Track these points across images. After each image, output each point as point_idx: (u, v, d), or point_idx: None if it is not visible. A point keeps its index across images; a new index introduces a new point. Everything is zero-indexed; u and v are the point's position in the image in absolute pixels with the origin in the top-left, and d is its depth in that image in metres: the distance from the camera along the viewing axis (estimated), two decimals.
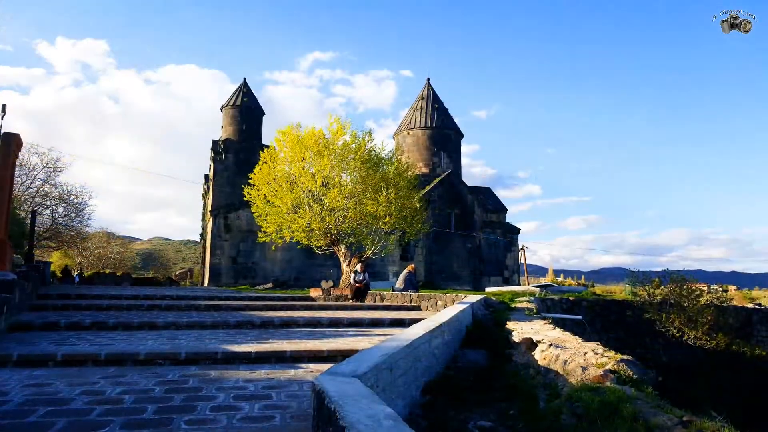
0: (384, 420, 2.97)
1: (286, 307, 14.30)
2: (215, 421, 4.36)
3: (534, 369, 6.92)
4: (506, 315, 10.84)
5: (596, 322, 19.12)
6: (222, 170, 37.31)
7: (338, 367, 4.44)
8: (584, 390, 4.87)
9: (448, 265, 38.83)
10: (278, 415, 4.60)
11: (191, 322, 10.10)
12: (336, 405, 3.19)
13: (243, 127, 39.16)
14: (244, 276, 34.00)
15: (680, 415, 4.18)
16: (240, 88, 40.90)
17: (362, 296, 17.23)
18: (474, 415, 5.61)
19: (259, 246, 32.37)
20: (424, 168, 41.47)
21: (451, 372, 7.46)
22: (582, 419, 4.51)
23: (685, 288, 19.80)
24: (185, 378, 5.91)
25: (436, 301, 14.65)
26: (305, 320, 10.85)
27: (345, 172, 20.45)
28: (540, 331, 8.27)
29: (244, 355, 6.94)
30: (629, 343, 19.05)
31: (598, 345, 6.65)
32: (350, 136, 20.44)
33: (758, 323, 23.57)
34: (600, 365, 5.59)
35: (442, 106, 44.12)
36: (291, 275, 34.63)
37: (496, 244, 41.23)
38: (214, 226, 34.66)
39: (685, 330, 18.71)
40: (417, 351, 6.07)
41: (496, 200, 44.13)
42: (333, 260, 29.96)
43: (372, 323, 11.10)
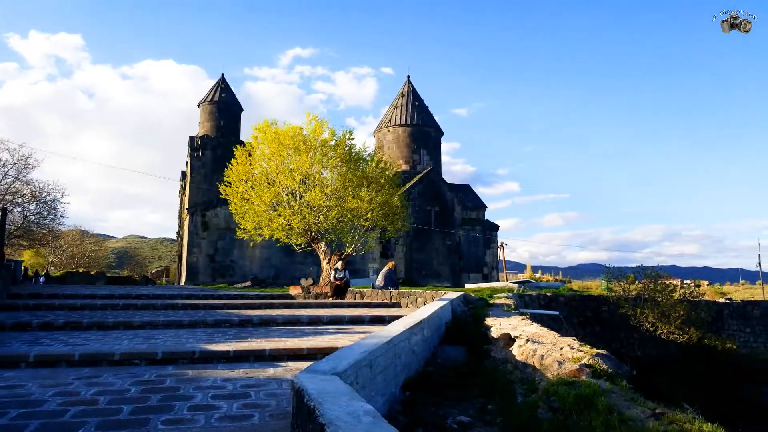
0: (363, 417, 2.98)
1: (265, 306, 14.22)
2: (193, 421, 4.32)
3: (512, 364, 7.00)
4: (485, 311, 10.91)
5: (573, 318, 19.39)
6: (199, 167, 36.92)
7: (318, 365, 4.43)
8: (560, 384, 4.94)
9: (428, 262, 38.98)
10: (257, 413, 4.57)
11: (168, 321, 9.98)
12: (315, 403, 3.19)
13: (221, 124, 38.79)
14: (222, 274, 33.70)
15: (653, 408, 4.27)
16: (218, 84, 40.49)
17: (342, 294, 17.20)
18: (453, 411, 5.66)
19: (238, 244, 32.14)
20: (405, 165, 41.54)
21: (430, 368, 7.50)
22: (558, 413, 4.58)
23: (659, 283, 20.17)
24: (162, 378, 5.84)
25: (416, 298, 14.69)
26: (284, 318, 10.81)
27: (325, 169, 20.35)
28: (518, 326, 8.36)
29: (222, 354, 6.88)
30: (605, 337, 19.35)
31: (574, 340, 6.75)
32: (329, 134, 20.33)
33: (729, 317, 24.14)
34: (576, 360, 5.68)
35: (422, 103, 44.22)
36: (270, 273, 34.43)
37: (475, 241, 41.49)
38: (191, 224, 34.28)
39: (658, 324, 19.07)
40: (397, 348, 6.09)
41: (475, 198, 44.41)
42: (313, 258, 29.87)
43: (352, 321, 11.10)
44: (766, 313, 25.49)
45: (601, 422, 4.14)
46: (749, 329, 24.60)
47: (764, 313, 25.45)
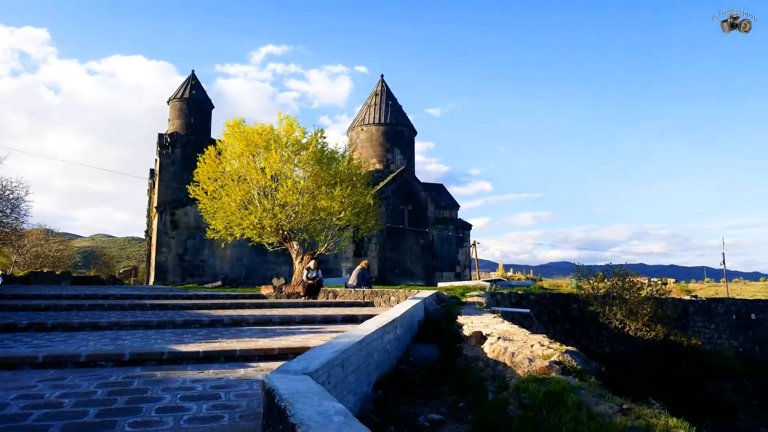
0: (335, 416, 2.97)
1: (236, 306, 14.08)
2: (161, 423, 4.25)
3: (483, 362, 7.05)
4: (457, 309, 10.98)
5: (543, 315, 19.65)
6: (168, 165, 36.34)
7: (289, 365, 4.40)
8: (531, 381, 5.00)
9: (402, 261, 39.07)
10: (227, 414, 4.52)
11: (136, 322, 9.80)
12: (286, 403, 3.17)
13: (191, 121, 38.24)
14: (191, 274, 33.23)
15: (620, 404, 4.35)
16: (188, 80, 39.89)
17: (315, 293, 17.12)
18: (425, 409, 5.68)
19: (208, 243, 31.73)
20: (378, 164, 41.56)
21: (403, 367, 7.52)
22: (528, 409, 4.63)
23: (627, 281, 20.56)
24: (130, 379, 5.73)
25: (389, 296, 14.71)
26: (256, 318, 10.71)
27: (297, 167, 20.20)
28: (489, 324, 8.43)
29: (191, 355, 6.78)
30: (574, 334, 19.67)
31: (544, 337, 6.83)
32: (300, 132, 20.17)
33: (694, 314, 24.77)
34: (546, 357, 5.75)
35: (396, 102, 44.28)
36: (241, 273, 34.08)
37: (448, 240, 41.73)
38: (160, 223, 33.72)
39: (626, 322, 19.44)
40: (369, 347, 6.09)
41: (448, 197, 44.67)
42: (285, 257, 29.67)
43: (324, 320, 11.06)
44: (729, 310, 26.23)
45: (570, 418, 4.20)
46: (713, 326, 25.28)
47: (728, 310, 26.19)
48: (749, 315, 26.80)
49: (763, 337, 26.56)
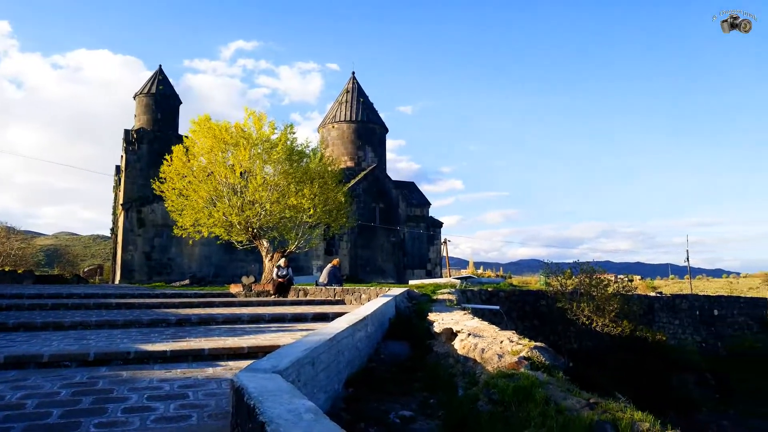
0: (305, 414, 2.95)
1: (205, 304, 13.89)
2: (127, 423, 4.17)
3: (453, 358, 7.10)
4: (428, 306, 11.04)
5: (513, 312, 19.88)
6: (135, 161, 35.63)
7: (258, 363, 4.37)
8: (500, 377, 5.05)
9: (373, 259, 39.09)
10: (195, 414, 4.46)
11: (101, 321, 9.59)
12: (255, 401, 3.14)
13: (158, 117, 37.56)
14: (159, 272, 32.66)
15: (587, 398, 4.43)
16: (155, 75, 39.16)
17: (285, 291, 17.01)
18: (396, 406, 5.69)
19: (176, 241, 31.23)
20: (349, 162, 41.47)
21: (374, 364, 7.52)
22: (498, 405, 4.68)
23: (594, 278, 20.93)
24: (94, 379, 5.61)
25: (360, 294, 14.71)
26: (224, 317, 10.58)
27: (267, 164, 19.99)
28: (460, 321, 8.49)
29: (158, 354, 6.67)
30: (543, 331, 19.95)
31: (513, 333, 6.91)
32: (269, 128, 19.95)
33: (659, 310, 25.41)
34: (515, 353, 5.82)
35: (367, 100, 44.23)
36: (210, 271, 33.65)
37: (419, 238, 41.91)
38: (126, 220, 33.06)
39: (594, 318, 19.80)
40: (340, 344, 6.07)
41: (420, 195, 44.84)
42: (254, 255, 29.39)
43: (295, 318, 10.99)
44: (693, 306, 26.98)
45: (538, 413, 4.26)
46: (678, 321, 25.96)
47: (691, 306, 26.94)
48: (712, 311, 27.62)
49: (725, 332, 27.42)
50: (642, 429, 3.76)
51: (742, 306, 29.27)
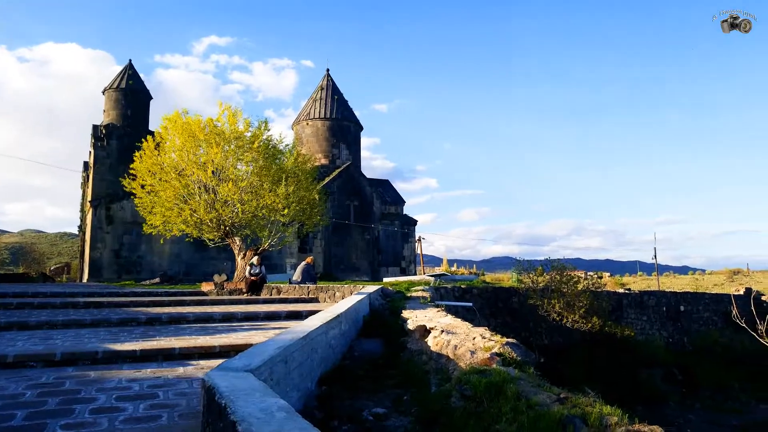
0: (277, 413, 2.94)
1: (175, 303, 13.69)
2: (95, 424, 4.10)
3: (427, 355, 7.14)
4: (402, 304, 11.07)
5: (485, 309, 20.06)
6: (104, 157, 34.88)
7: (230, 362, 4.33)
8: (472, 373, 5.10)
9: (347, 257, 39.01)
10: (165, 414, 4.40)
11: (68, 321, 9.38)
12: (227, 400, 3.11)
13: (128, 112, 36.84)
14: (128, 271, 32.08)
15: (558, 393, 4.50)
16: (125, 70, 38.40)
17: (258, 290, 16.87)
18: (369, 403, 5.70)
19: (145, 239, 30.72)
20: (324, 159, 41.28)
21: (347, 362, 7.52)
22: (470, 400, 4.72)
23: (565, 275, 21.26)
24: (61, 380, 5.49)
25: (334, 292, 14.68)
26: (196, 316, 10.45)
27: (240, 162, 19.74)
28: (433, 318, 8.53)
29: (128, 354, 6.55)
30: (515, 327, 20.18)
31: (485, 330, 6.97)
32: (243, 125, 19.70)
33: (628, 306, 25.91)
34: (487, 349, 5.87)
35: (341, 97, 44.06)
36: (181, 269, 33.17)
37: (394, 236, 41.97)
38: (94, 218, 32.37)
39: (564, 314, 20.11)
40: (313, 342, 6.05)
41: (394, 193, 44.89)
42: (227, 253, 29.07)
43: (267, 317, 10.91)
44: (660, 302, 27.59)
45: (510, 408, 4.31)
46: (645, 317, 26.52)
47: (659, 302, 27.54)
48: (678, 307, 28.28)
49: (690, 327, 28.11)
50: (610, 422, 3.83)
51: (707, 302, 30.01)
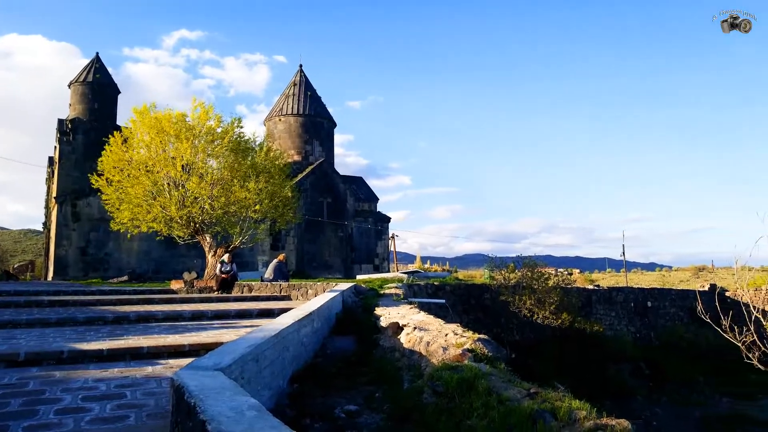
0: (247, 411, 2.91)
1: (144, 301, 13.46)
2: (60, 425, 4.00)
3: (399, 352, 7.15)
4: (375, 301, 11.08)
5: (458, 305, 20.18)
6: (69, 152, 34.04)
7: (200, 361, 4.28)
8: (444, 369, 5.12)
9: (320, 254, 38.84)
10: (133, 414, 4.33)
11: (32, 320, 9.15)
12: (196, 399, 3.06)
13: (95, 106, 36.00)
14: (95, 269, 31.38)
15: (528, 388, 4.55)
16: (92, 63, 37.50)
17: (229, 288, 16.68)
18: (341, 400, 5.68)
19: (113, 236, 30.08)
20: (296, 156, 40.98)
21: (319, 359, 7.49)
22: (442, 396, 4.74)
23: (536, 272, 21.52)
24: (25, 380, 5.35)
25: (307, 290, 14.62)
26: (165, 314, 10.29)
27: (211, 158, 19.45)
28: (406, 315, 8.55)
29: (94, 353, 6.42)
30: (487, 323, 20.35)
31: (458, 326, 7.02)
32: (215, 121, 19.41)
33: (597, 303, 26.37)
34: (459, 345, 5.91)
35: (315, 93, 43.77)
36: (150, 267, 32.58)
37: (367, 233, 41.94)
38: (59, 214, 31.58)
39: (535, 310, 20.37)
40: (285, 340, 6.01)
41: (368, 190, 44.84)
42: (197, 250, 28.65)
43: (239, 315, 10.81)
44: (628, 298, 28.14)
45: (481, 403, 4.35)
46: (614, 313, 27.02)
47: (627, 298, 28.09)
48: (646, 303, 28.89)
49: (657, 323, 28.75)
50: (579, 417, 3.89)
51: (674, 298, 30.71)
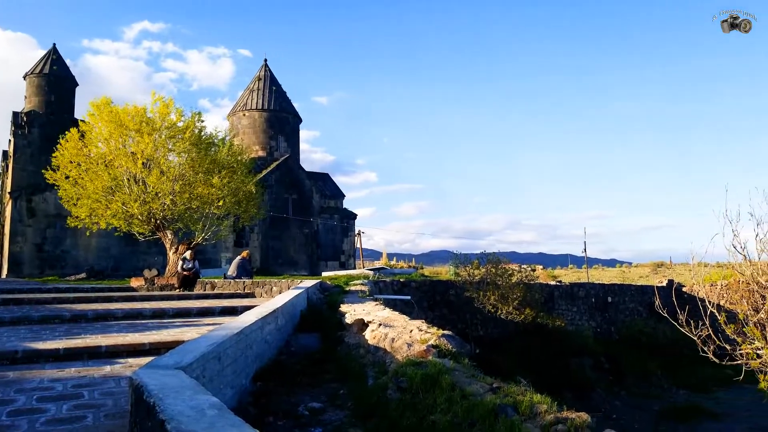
0: (208, 410, 2.86)
1: (103, 299, 13.13)
2: (13, 427, 3.87)
3: (364, 348, 7.15)
4: (340, 298, 11.05)
5: (423, 301, 20.30)
6: (24, 146, 32.93)
7: (160, 360, 4.20)
8: (409, 365, 5.15)
9: (285, 251, 38.55)
10: (91, 414, 4.22)
11: None
12: (156, 399, 3.00)
13: (51, 99, 34.90)
14: (51, 266, 30.45)
15: (491, 383, 4.61)
16: (49, 54, 36.33)
17: (191, 285, 16.41)
18: (305, 398, 5.66)
19: (71, 232, 29.24)
20: (261, 151, 40.53)
21: (284, 357, 7.44)
22: (406, 392, 4.77)
23: (500, 268, 21.80)
24: None
25: (271, 287, 14.50)
26: (124, 312, 10.06)
27: (172, 153, 19.05)
28: (371, 312, 8.56)
29: (50, 353, 6.24)
30: (452, 319, 20.54)
31: (422, 322, 7.06)
32: (176, 115, 19.00)
33: (559, 298, 26.89)
34: (423, 341, 5.94)
35: (280, 88, 43.34)
36: (109, 264, 31.79)
37: (333, 230, 41.80)
38: (14, 210, 30.53)
39: (499, 306, 20.65)
40: (248, 338, 5.95)
41: (334, 186, 44.69)
42: (158, 247, 28.09)
43: (201, 313, 10.64)
44: (589, 294, 28.77)
45: (444, 399, 4.38)
46: (575, 308, 27.58)
47: (588, 294, 28.72)
48: (606, 298, 29.59)
49: (617, 318, 29.48)
50: (540, 410, 3.96)
51: (633, 293, 31.50)
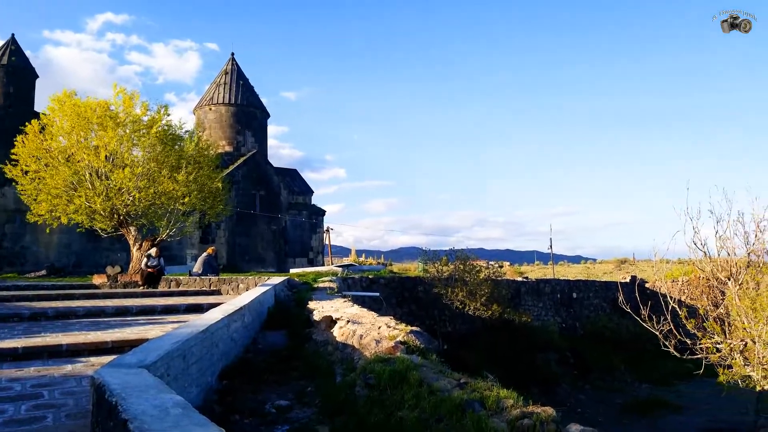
0: (172, 409, 2.82)
1: (63, 296, 12.79)
2: None
3: (332, 345, 7.14)
4: (308, 295, 11.01)
5: (392, 298, 20.36)
6: None
7: (123, 358, 4.12)
8: (377, 362, 5.16)
9: (253, 247, 38.16)
10: (51, 414, 4.11)
11: None
12: (118, 398, 2.95)
13: (10, 91, 33.76)
14: (10, 263, 29.49)
15: (458, 378, 4.65)
16: (7, 45, 35.10)
17: (155, 282, 16.11)
18: (272, 396, 5.62)
19: (30, 228, 28.34)
20: (228, 147, 39.99)
21: (250, 355, 7.37)
22: (374, 389, 4.77)
23: (468, 264, 22.01)
24: None
25: (238, 284, 14.35)
26: (86, 310, 9.82)
27: (136, 147, 18.61)
28: (340, 308, 8.55)
29: (8, 352, 6.04)
30: (420, 315, 20.65)
31: (391, 319, 7.08)
32: (141, 109, 18.57)
33: (525, 294, 27.29)
34: (392, 337, 5.96)
35: (247, 83, 42.81)
36: (70, 261, 30.96)
37: (301, 226, 41.56)
38: None
39: (467, 302, 20.85)
40: (214, 336, 5.87)
41: (302, 182, 44.42)
42: (122, 244, 27.48)
43: (165, 310, 10.46)
44: (555, 290, 29.28)
45: (412, 395, 4.41)
46: (542, 304, 28.03)
47: (553, 290, 29.22)
48: (571, 294, 30.15)
49: (582, 313, 30.07)
50: (507, 405, 4.02)
51: (597, 289, 32.15)
